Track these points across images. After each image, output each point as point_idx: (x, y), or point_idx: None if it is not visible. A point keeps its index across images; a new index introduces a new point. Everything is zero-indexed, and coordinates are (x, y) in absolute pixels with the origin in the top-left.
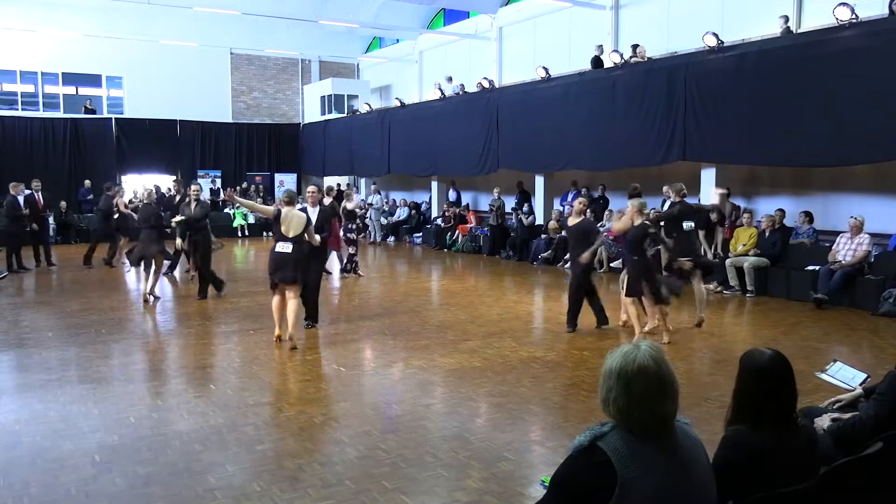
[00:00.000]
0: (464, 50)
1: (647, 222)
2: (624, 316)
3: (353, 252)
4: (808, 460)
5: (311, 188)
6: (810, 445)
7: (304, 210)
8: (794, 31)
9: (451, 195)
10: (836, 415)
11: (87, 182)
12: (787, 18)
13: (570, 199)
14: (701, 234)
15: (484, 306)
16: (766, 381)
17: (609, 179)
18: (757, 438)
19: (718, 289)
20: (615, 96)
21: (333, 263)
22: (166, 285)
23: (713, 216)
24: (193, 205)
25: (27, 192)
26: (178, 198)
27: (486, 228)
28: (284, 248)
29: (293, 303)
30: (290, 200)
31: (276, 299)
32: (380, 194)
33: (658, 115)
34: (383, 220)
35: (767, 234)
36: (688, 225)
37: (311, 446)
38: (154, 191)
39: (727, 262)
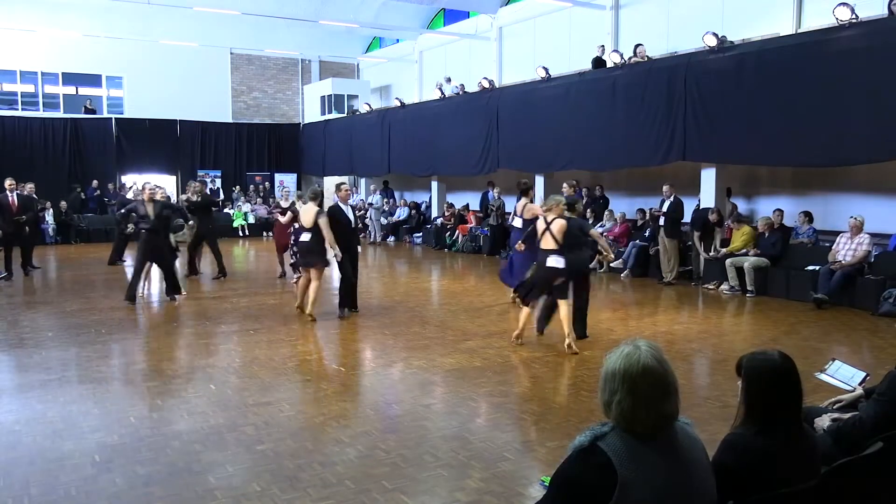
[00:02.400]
0: (464, 50)
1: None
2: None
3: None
4: (810, 464)
5: (344, 185)
6: (812, 449)
7: (336, 206)
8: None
9: (491, 196)
10: (836, 415)
11: (95, 182)
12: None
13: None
14: (696, 234)
15: (484, 306)
16: (778, 384)
17: (610, 179)
18: (758, 442)
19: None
20: (615, 96)
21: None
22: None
23: (712, 216)
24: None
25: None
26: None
27: (486, 228)
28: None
29: (315, 283)
30: (316, 197)
31: (303, 281)
32: (380, 194)
33: (658, 115)
34: (383, 220)
35: (767, 234)
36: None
37: (311, 446)
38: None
39: (727, 262)
